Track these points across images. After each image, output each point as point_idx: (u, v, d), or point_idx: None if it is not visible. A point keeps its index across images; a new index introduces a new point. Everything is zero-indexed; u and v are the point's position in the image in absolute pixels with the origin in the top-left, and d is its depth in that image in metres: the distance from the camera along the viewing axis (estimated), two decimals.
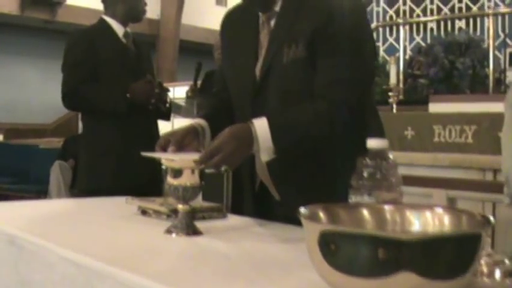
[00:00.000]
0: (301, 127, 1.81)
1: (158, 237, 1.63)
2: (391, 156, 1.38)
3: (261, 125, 1.73)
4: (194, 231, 1.67)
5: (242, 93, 1.99)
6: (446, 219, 1.08)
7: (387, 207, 1.12)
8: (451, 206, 3.31)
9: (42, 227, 1.80)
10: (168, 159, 1.68)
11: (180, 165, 1.65)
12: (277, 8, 1.90)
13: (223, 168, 1.71)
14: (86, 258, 1.32)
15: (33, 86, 14.33)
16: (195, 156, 1.70)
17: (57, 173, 6.63)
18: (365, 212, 1.12)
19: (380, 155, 1.37)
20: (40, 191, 7.14)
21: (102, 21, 3.46)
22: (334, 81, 1.80)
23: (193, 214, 1.74)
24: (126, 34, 3.41)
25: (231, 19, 2.15)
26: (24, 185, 7.73)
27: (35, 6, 13.00)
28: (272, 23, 1.92)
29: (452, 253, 0.90)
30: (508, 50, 6.79)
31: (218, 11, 16.01)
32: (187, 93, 4.50)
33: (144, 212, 2.03)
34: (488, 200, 3.94)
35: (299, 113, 1.82)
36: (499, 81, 5.94)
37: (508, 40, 6.78)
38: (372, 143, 1.38)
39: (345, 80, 1.81)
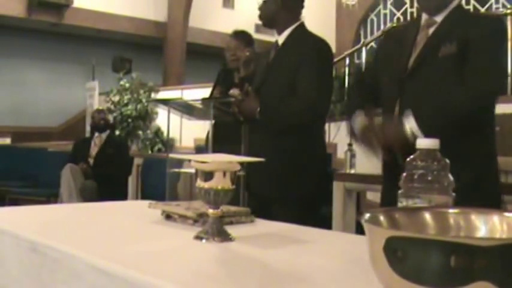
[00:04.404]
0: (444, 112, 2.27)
1: (188, 244, 1.55)
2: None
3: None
4: (225, 237, 1.59)
5: (392, 79, 2.45)
6: None
7: (451, 211, 1.04)
8: None
9: (64, 233, 1.71)
10: (199, 161, 1.59)
11: (212, 167, 1.56)
12: (438, 19, 2.41)
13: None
14: (118, 267, 1.24)
15: (40, 89, 14.29)
16: (227, 158, 1.62)
17: (68, 176, 6.54)
18: (427, 216, 1.03)
19: (431, 155, 1.28)
20: (50, 195, 7.06)
21: None
22: (478, 76, 2.25)
23: (222, 219, 1.65)
24: (275, 43, 3.29)
25: (394, 30, 2.96)
26: (34, 189, 7.64)
27: (42, 9, 12.95)
28: (431, 29, 2.42)
29: None
30: None
31: (225, 14, 15.98)
32: (215, 94, 4.46)
33: (168, 217, 1.95)
34: (508, 203, 3.85)
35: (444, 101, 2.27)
36: None
37: None
38: (422, 142, 1.30)
39: (487, 77, 2.26)
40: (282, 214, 2.68)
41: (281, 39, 3.20)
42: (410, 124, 2.21)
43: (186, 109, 4.69)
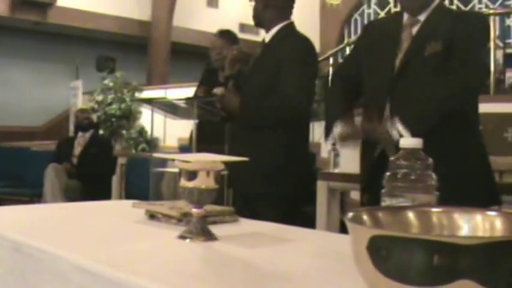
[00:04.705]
0: (431, 108, 2.30)
1: (172, 243, 1.55)
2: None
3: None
4: (209, 237, 1.58)
5: (380, 79, 2.45)
6: (499, 223, 1.00)
7: (434, 210, 1.04)
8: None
9: (49, 233, 1.71)
10: (183, 160, 1.59)
11: (195, 167, 1.56)
12: (421, 18, 2.43)
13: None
14: (102, 267, 1.23)
15: (24, 88, 14.21)
16: (211, 157, 1.62)
17: (52, 176, 6.51)
18: (410, 215, 1.04)
19: (415, 154, 1.29)
20: (34, 195, 7.02)
21: None
22: (460, 70, 2.29)
23: (206, 218, 1.65)
24: (263, 41, 3.35)
25: (376, 24, 2.88)
26: (17, 189, 7.59)
27: (25, 8, 12.88)
28: (415, 28, 2.43)
29: None
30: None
31: (209, 13, 15.95)
32: (197, 93, 4.46)
33: (152, 216, 1.94)
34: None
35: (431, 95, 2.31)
36: (499, 82, 5.88)
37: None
38: (406, 141, 1.30)
39: (469, 71, 2.31)
40: (267, 212, 2.69)
41: (268, 37, 3.22)
42: (397, 127, 2.24)
43: (170, 108, 4.69)
